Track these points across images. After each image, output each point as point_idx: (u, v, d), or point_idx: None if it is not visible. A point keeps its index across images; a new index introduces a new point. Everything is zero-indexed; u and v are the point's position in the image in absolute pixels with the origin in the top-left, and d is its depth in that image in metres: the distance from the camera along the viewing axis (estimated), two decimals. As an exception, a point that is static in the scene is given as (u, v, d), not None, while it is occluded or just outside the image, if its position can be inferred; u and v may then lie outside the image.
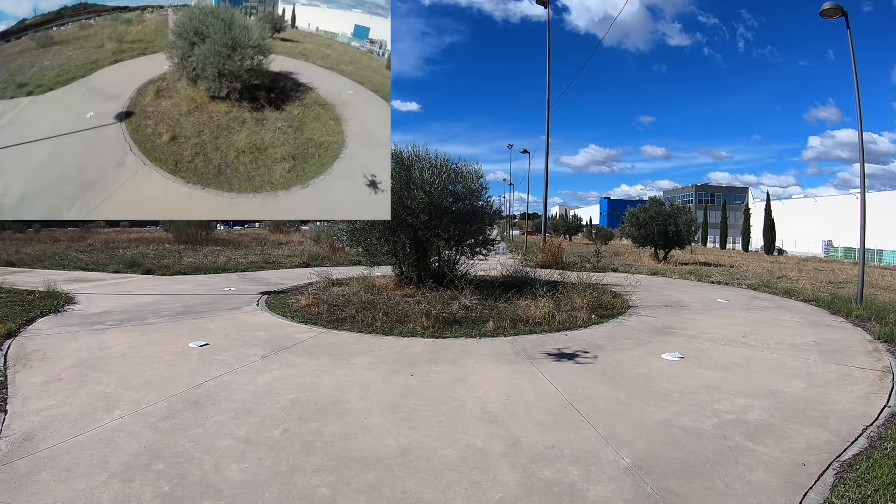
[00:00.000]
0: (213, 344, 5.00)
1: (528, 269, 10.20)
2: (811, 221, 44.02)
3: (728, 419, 3.30)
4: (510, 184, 67.65)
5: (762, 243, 37.53)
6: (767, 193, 38.57)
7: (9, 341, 4.97)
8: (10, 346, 4.82)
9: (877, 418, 3.34)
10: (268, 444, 2.86)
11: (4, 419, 3.14)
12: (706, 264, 16.60)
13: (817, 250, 40.54)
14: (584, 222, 56.26)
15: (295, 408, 3.40)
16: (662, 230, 16.27)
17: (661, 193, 65.86)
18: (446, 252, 8.58)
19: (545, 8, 15.87)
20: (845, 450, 2.87)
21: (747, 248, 39.38)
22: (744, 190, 64.68)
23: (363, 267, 9.15)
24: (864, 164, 8.32)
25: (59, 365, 4.26)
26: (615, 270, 12.78)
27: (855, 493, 2.38)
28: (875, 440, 2.99)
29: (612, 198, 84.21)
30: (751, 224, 39.93)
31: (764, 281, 11.17)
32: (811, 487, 2.47)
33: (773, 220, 36.81)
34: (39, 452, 2.70)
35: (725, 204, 46.23)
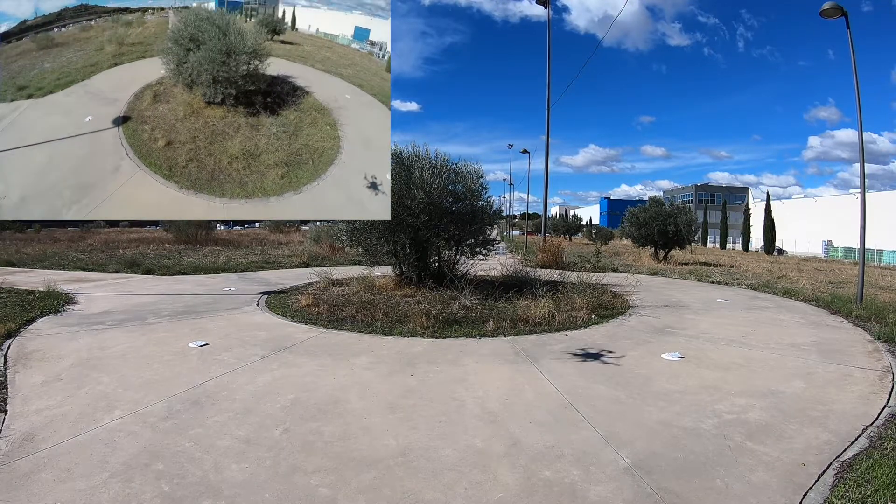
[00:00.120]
0: (213, 344, 5.00)
1: (528, 269, 10.20)
2: (811, 221, 44.01)
3: (728, 419, 3.30)
4: (510, 184, 67.74)
5: (762, 243, 37.52)
6: (767, 193, 38.59)
7: (9, 341, 4.97)
8: (10, 346, 4.82)
9: (877, 418, 3.34)
10: (268, 444, 2.86)
11: (4, 419, 3.14)
12: (706, 264, 16.59)
13: (817, 250, 40.53)
14: (584, 222, 56.29)
15: (295, 408, 3.40)
16: (662, 230, 16.27)
17: (661, 193, 65.92)
18: (446, 252, 8.58)
19: (545, 8, 15.89)
20: (845, 450, 2.87)
21: (747, 248, 39.38)
22: (744, 190, 64.68)
23: (363, 267, 9.16)
24: (864, 164, 8.33)
25: (59, 365, 4.26)
26: (615, 270, 12.78)
27: (855, 493, 2.38)
28: (875, 440, 2.99)
29: (612, 198, 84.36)
30: (751, 224, 39.93)
31: (764, 281, 11.17)
32: (811, 487, 2.47)
33: (773, 220, 36.79)
34: (39, 452, 2.70)
35: (725, 204, 46.23)
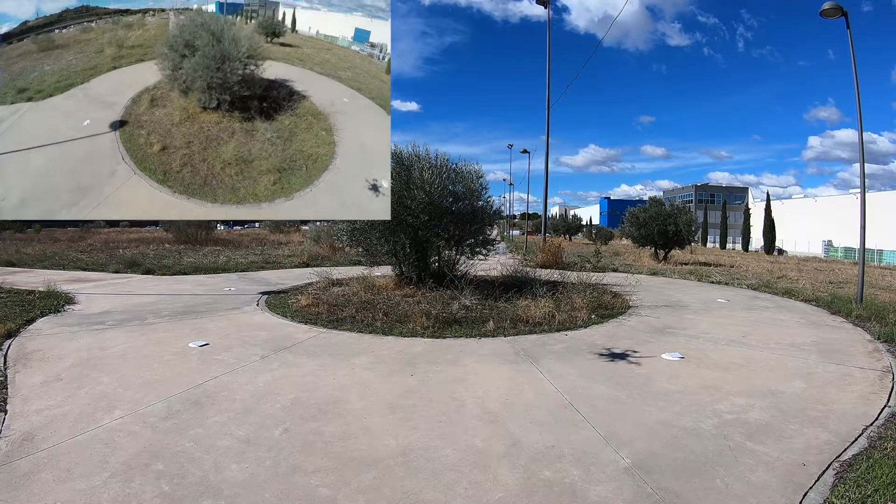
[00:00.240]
0: (213, 344, 5.00)
1: (528, 269, 10.20)
2: (811, 221, 44.00)
3: (728, 419, 3.30)
4: (510, 184, 67.78)
5: (762, 243, 37.51)
6: (767, 193, 38.57)
7: (9, 341, 4.97)
8: (10, 346, 4.83)
9: (877, 418, 3.34)
10: (268, 444, 2.86)
11: (4, 419, 3.14)
12: (706, 264, 16.59)
13: (817, 250, 40.52)
14: (584, 222, 56.28)
15: (295, 408, 3.40)
16: (662, 230, 16.27)
17: (661, 193, 65.91)
18: (446, 252, 8.58)
19: (545, 8, 15.88)
20: (845, 450, 2.87)
21: (747, 248, 39.37)
22: (744, 190, 64.67)
23: (363, 267, 9.16)
24: (864, 164, 8.33)
25: (59, 365, 4.26)
26: (615, 270, 12.78)
27: (855, 493, 2.38)
28: (875, 440, 2.99)
29: (612, 198, 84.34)
30: (751, 224, 39.91)
31: (764, 281, 11.17)
32: (811, 487, 2.47)
33: (772, 220, 36.78)
34: (39, 452, 2.70)
35: (725, 204, 46.21)
